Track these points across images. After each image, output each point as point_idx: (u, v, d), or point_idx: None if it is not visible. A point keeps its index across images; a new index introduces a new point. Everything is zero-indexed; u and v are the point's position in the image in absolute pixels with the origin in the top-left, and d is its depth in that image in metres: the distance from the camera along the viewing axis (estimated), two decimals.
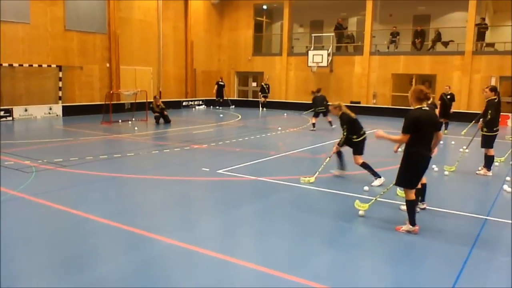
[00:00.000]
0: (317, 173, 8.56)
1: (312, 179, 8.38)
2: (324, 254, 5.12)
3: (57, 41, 19.66)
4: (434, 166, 9.77)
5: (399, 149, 6.48)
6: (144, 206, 6.90)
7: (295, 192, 7.75)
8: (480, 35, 22.05)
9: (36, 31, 18.75)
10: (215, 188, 8.13)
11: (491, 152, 9.39)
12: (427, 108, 5.69)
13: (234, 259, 4.83)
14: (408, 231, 5.74)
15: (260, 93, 25.74)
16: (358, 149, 8.40)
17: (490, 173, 9.44)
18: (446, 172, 9.48)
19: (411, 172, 5.71)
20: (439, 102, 15.49)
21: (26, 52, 18.41)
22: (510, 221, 6.34)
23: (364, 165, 8.29)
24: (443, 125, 15.30)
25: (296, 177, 8.65)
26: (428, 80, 23.65)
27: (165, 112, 17.65)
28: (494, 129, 9.22)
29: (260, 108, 25.47)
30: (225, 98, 26.95)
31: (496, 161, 10.17)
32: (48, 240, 5.36)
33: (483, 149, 9.51)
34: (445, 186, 8.98)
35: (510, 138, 10.95)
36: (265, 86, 25.65)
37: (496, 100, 9.14)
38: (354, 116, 8.44)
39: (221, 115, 22.27)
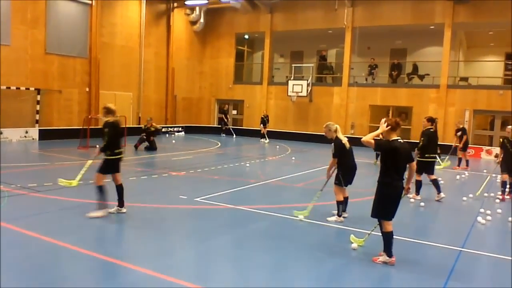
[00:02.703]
0: (311, 207, 8.15)
1: (306, 213, 7.96)
2: (302, 284, 5.08)
3: (37, 64, 19.51)
4: (409, 195, 9.91)
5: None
6: (119, 234, 6.77)
7: (273, 221, 7.72)
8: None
9: (16, 53, 18.58)
10: (192, 216, 8.04)
11: (419, 177, 9.99)
12: (401, 141, 5.84)
13: None
14: (385, 262, 5.76)
15: (261, 125, 25.23)
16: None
17: (418, 197, 10.01)
18: (422, 203, 9.59)
19: (386, 202, 5.78)
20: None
21: (4, 74, 18.14)
22: (484, 253, 6.42)
23: (343, 202, 7.89)
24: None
25: (273, 206, 8.63)
26: (404, 112, 24.21)
27: (152, 138, 17.29)
28: (426, 155, 9.94)
29: (265, 140, 24.49)
30: (228, 127, 26.71)
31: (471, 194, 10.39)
32: (18, 267, 5.19)
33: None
34: (420, 217, 9.08)
35: (485, 171, 11.24)
36: (264, 118, 25.31)
37: (432, 130, 10.07)
38: (348, 144, 7.85)
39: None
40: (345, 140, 7.73)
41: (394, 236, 5.79)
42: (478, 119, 22.20)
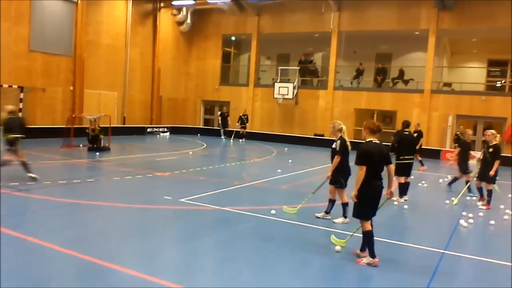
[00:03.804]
0: (301, 204, 8.57)
1: (295, 210, 8.38)
2: (287, 284, 5.09)
3: (21, 61, 19.21)
4: (393, 198, 10.01)
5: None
6: (102, 234, 6.69)
7: (258, 222, 7.72)
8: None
9: None
10: (177, 217, 8.00)
11: (400, 179, 10.21)
12: (377, 142, 5.92)
13: None
14: (369, 264, 5.80)
15: (238, 123, 25.49)
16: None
17: (402, 200, 10.18)
18: (406, 206, 9.69)
19: (365, 203, 5.82)
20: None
21: None
22: (466, 255, 6.52)
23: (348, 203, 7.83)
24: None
25: (258, 208, 8.64)
26: (389, 116, 24.46)
27: (101, 136, 16.49)
28: (400, 157, 10.20)
29: (240, 140, 25.05)
30: (229, 129, 26.19)
31: (455, 200, 10.47)
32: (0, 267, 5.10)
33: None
34: (404, 220, 9.18)
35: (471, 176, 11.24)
36: (243, 117, 25.51)
37: (406, 133, 10.44)
38: (350, 147, 7.83)
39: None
40: (348, 142, 7.79)
41: (378, 238, 5.84)
42: (460, 124, 22.52)
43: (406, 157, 10.22)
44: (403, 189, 10.24)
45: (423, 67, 22.74)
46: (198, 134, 27.48)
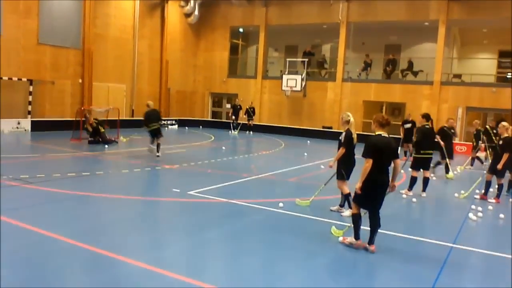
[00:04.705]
0: (313, 196, 8.59)
1: (308, 202, 8.43)
2: (295, 277, 5.10)
3: (29, 54, 19.32)
4: (402, 191, 9.98)
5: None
6: (111, 226, 6.75)
7: (266, 215, 7.73)
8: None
9: (8, 43, 18.38)
10: (185, 210, 8.03)
11: (415, 173, 10.09)
12: (386, 135, 5.90)
13: (201, 283, 4.74)
14: (351, 244, 6.03)
15: (245, 116, 25.40)
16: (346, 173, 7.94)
17: (410, 193, 10.02)
18: (414, 199, 9.65)
19: (366, 194, 5.85)
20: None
21: None
22: (475, 249, 6.48)
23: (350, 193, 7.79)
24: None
25: (266, 200, 8.65)
26: (397, 108, 24.29)
27: (102, 129, 16.33)
28: (422, 152, 10.00)
29: (248, 132, 25.03)
30: (239, 122, 25.64)
31: (461, 195, 10.35)
32: (9, 259, 5.14)
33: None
34: (412, 213, 9.15)
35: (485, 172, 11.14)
36: (250, 110, 25.39)
37: (427, 127, 10.15)
38: (356, 139, 7.78)
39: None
40: (355, 135, 7.74)
41: (386, 231, 5.82)
42: (470, 116, 22.31)
43: (427, 151, 10.05)
44: (413, 182, 10.08)
45: (432, 58, 22.51)
46: (200, 127, 27.50)
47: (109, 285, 4.57)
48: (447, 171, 12.87)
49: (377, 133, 5.98)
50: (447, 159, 12.80)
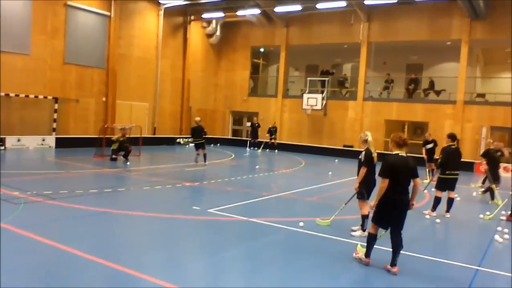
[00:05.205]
0: (334, 216, 8.51)
1: (328, 222, 8.35)
2: None
3: (56, 74, 19.85)
4: (425, 211, 9.80)
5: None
6: (132, 243, 6.78)
7: (286, 235, 7.66)
8: None
9: (35, 63, 18.96)
10: (205, 228, 8.02)
11: (439, 194, 9.85)
12: (404, 155, 5.89)
13: None
14: (360, 259, 6.11)
15: (267, 135, 25.53)
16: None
17: (434, 214, 9.81)
18: (438, 220, 9.45)
19: (382, 213, 5.88)
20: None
21: (23, 83, 18.53)
22: (501, 272, 6.28)
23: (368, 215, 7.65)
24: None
25: (286, 219, 8.58)
26: (420, 127, 23.99)
27: (130, 148, 16.45)
28: (447, 172, 9.79)
29: (273, 150, 25.13)
30: (259, 140, 25.95)
31: (486, 216, 10.09)
32: (31, 274, 5.21)
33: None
34: (436, 234, 8.95)
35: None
36: (272, 129, 25.55)
37: (453, 147, 9.95)
38: (376, 159, 7.70)
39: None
40: (374, 154, 7.66)
41: (409, 253, 5.70)
42: (494, 136, 21.86)
43: (453, 172, 9.81)
44: (436, 203, 9.88)
45: (455, 77, 22.26)
46: (218, 144, 27.66)
47: None
48: (492, 196, 12.24)
49: (394, 152, 5.93)
50: (493, 184, 12.14)
